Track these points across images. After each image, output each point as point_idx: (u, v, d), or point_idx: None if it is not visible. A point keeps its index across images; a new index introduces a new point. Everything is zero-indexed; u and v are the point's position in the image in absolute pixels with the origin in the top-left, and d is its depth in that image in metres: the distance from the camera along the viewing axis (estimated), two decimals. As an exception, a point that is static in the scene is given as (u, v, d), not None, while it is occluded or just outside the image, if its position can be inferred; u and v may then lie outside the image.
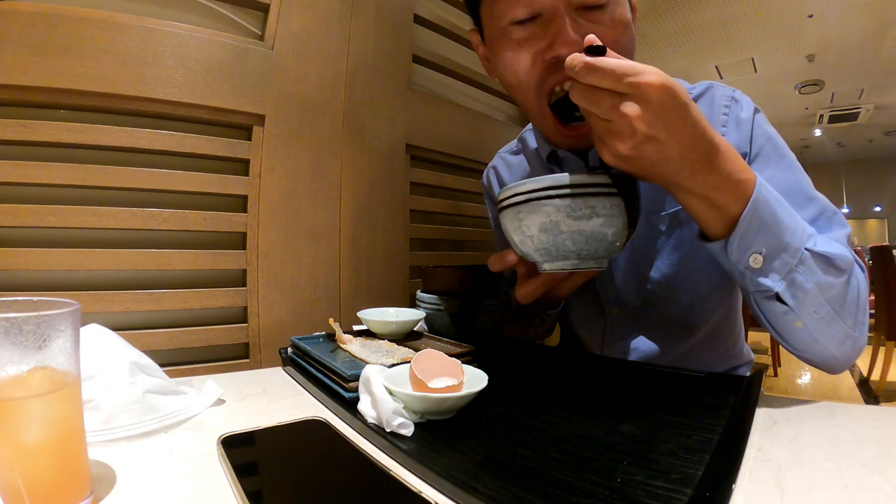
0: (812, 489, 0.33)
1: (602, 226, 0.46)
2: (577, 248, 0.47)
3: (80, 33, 0.66)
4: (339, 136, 0.92)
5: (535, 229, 0.48)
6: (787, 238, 0.46)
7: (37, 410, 0.31)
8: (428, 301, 0.76)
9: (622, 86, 0.40)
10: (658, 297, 0.70)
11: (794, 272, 0.46)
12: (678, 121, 0.41)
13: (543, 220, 0.46)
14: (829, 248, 0.48)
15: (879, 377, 2.86)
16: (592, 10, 0.53)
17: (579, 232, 0.46)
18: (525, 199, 0.48)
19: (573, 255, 0.48)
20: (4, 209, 0.64)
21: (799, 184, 0.58)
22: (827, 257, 0.48)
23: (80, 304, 0.32)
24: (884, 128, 7.57)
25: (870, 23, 4.19)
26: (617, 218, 0.47)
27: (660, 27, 4.30)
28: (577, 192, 0.45)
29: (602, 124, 0.43)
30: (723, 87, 0.65)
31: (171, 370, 0.61)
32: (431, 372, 0.46)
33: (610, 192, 0.46)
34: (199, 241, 0.79)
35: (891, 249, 2.84)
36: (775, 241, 0.45)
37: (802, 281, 0.46)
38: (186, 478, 0.37)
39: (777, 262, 0.46)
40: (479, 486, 0.33)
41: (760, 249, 0.45)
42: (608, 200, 0.46)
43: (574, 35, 0.51)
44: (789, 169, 0.59)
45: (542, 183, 0.46)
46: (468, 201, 1.21)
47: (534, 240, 0.48)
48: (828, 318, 0.48)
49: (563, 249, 0.48)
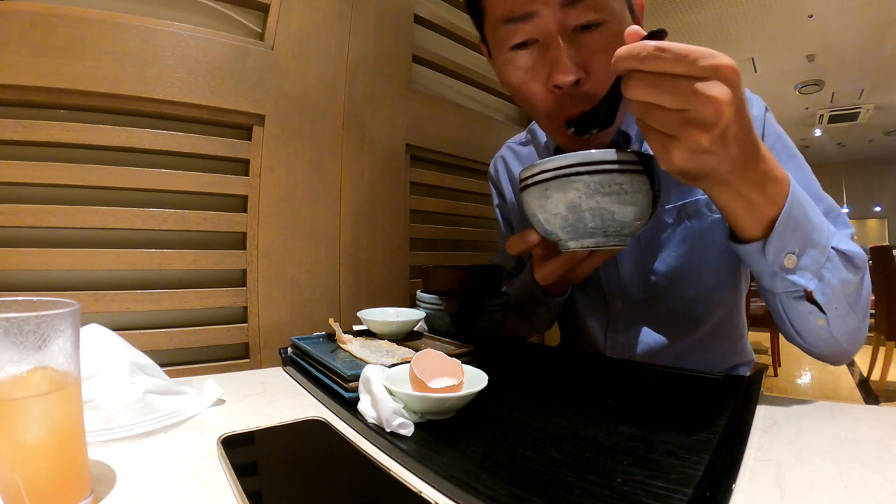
0: (812, 489, 0.33)
1: (628, 203, 0.46)
2: (605, 225, 0.47)
3: (80, 33, 0.66)
4: (339, 136, 0.92)
5: (563, 207, 0.47)
6: (816, 237, 0.45)
7: (37, 410, 0.31)
8: (428, 301, 0.76)
9: (699, 69, 0.36)
10: (663, 289, 0.69)
11: (824, 269, 0.46)
12: (745, 108, 0.38)
13: (572, 197, 0.46)
14: (848, 245, 0.49)
15: (879, 377, 2.86)
16: (590, 30, 0.51)
17: (607, 209, 0.46)
18: (553, 175, 0.47)
19: (600, 232, 0.48)
20: (4, 209, 0.64)
21: (809, 182, 0.58)
22: (848, 255, 0.48)
23: (80, 304, 0.32)
24: (884, 128, 7.57)
25: (870, 23, 4.18)
26: (643, 195, 0.46)
27: (659, 27, 4.30)
28: (605, 169, 0.44)
29: (674, 117, 0.38)
30: None
31: (171, 370, 0.61)
32: (431, 372, 0.46)
33: (637, 169, 0.45)
34: (199, 241, 0.79)
35: (891, 249, 2.84)
36: (807, 240, 0.45)
37: (830, 278, 0.47)
38: (186, 478, 0.37)
39: (808, 260, 0.45)
40: (479, 486, 0.33)
41: (794, 249, 0.45)
42: (635, 178, 0.45)
43: (570, 64, 0.50)
44: (800, 168, 0.59)
45: (570, 160, 0.45)
46: (468, 201, 1.21)
47: (560, 217, 0.48)
48: (844, 314, 0.49)
49: (591, 226, 0.47)
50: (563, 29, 0.51)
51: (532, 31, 0.52)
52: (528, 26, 0.51)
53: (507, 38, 0.54)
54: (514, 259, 0.91)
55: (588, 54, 0.51)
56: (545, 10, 0.49)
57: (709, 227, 0.65)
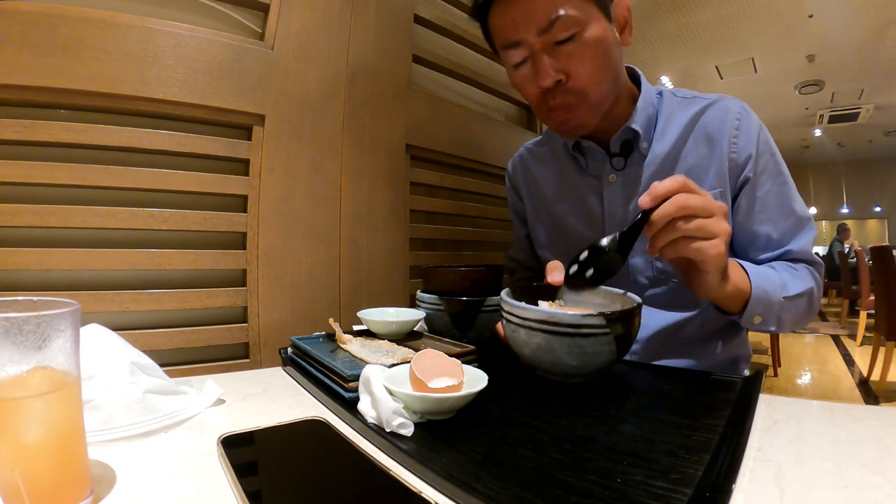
0: (812, 489, 0.33)
1: (587, 360, 0.51)
2: (564, 370, 0.53)
3: (80, 33, 0.66)
4: (339, 136, 0.92)
5: (527, 350, 0.54)
6: (772, 299, 0.64)
7: (37, 410, 0.31)
8: (428, 301, 0.76)
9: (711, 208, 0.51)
10: (668, 273, 0.74)
11: (781, 315, 0.65)
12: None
13: (537, 342, 0.51)
14: (798, 286, 0.67)
15: (879, 377, 2.86)
16: (565, 43, 0.63)
17: (567, 363, 0.51)
18: (519, 322, 0.53)
19: (559, 374, 0.54)
20: (4, 209, 0.64)
21: (788, 197, 0.72)
22: (797, 294, 0.66)
23: (80, 304, 0.32)
24: (884, 128, 7.57)
25: (870, 23, 4.19)
26: (604, 355, 0.51)
27: (660, 27, 4.30)
28: (567, 333, 0.49)
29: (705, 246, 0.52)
30: (735, 99, 0.74)
31: (171, 370, 0.61)
32: (431, 372, 0.46)
33: (602, 332, 0.50)
34: (199, 241, 0.79)
35: (891, 249, 2.83)
36: (767, 305, 0.64)
37: (783, 315, 0.66)
38: (186, 478, 0.37)
39: (768, 315, 0.64)
40: (479, 486, 0.33)
41: (759, 313, 0.64)
42: (597, 339, 0.50)
43: (551, 71, 0.64)
44: (784, 184, 0.72)
45: (537, 315, 0.51)
46: (468, 201, 1.21)
47: (528, 351, 0.54)
48: (798, 319, 0.69)
49: (553, 369, 0.54)
50: (544, 47, 0.64)
51: (523, 52, 0.66)
52: (519, 50, 0.66)
53: (508, 59, 0.69)
54: (529, 251, 0.95)
55: (566, 60, 0.64)
56: (528, 37, 0.64)
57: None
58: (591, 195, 0.79)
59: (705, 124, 0.72)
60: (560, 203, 0.84)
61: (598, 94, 0.67)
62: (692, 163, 0.72)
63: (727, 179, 0.70)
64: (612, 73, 0.68)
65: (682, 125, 0.73)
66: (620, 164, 0.75)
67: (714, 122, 0.72)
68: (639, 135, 0.73)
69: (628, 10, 0.69)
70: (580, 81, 0.65)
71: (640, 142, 0.73)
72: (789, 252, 0.71)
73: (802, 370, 3.48)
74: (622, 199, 0.76)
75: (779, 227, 0.71)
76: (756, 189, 0.71)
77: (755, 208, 0.71)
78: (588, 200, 0.79)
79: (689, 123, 0.73)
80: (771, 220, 0.71)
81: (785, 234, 0.71)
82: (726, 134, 0.70)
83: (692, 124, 0.73)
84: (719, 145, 0.71)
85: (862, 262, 4.19)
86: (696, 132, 0.72)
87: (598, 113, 0.69)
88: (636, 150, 0.74)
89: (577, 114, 0.68)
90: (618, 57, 0.68)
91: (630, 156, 0.75)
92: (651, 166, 0.74)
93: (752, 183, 0.70)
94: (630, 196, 0.75)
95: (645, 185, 0.73)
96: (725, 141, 0.70)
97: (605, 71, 0.66)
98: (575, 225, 0.82)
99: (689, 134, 0.73)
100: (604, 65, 0.66)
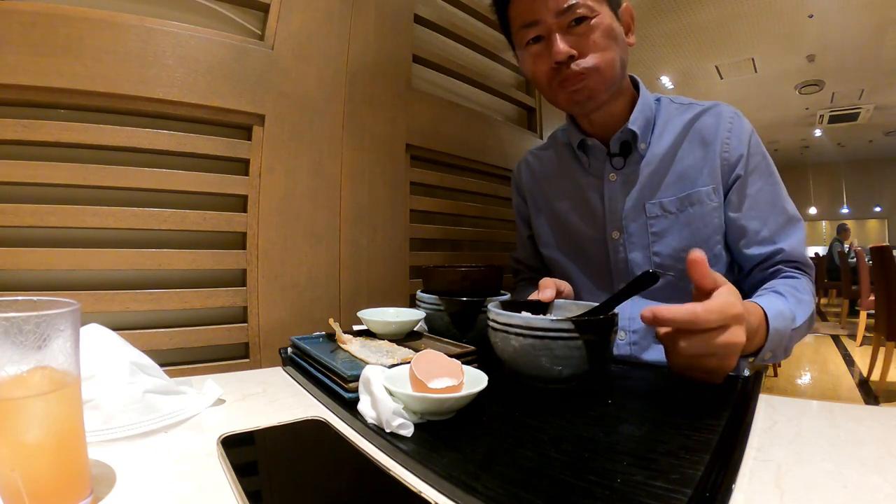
0: (812, 489, 0.33)
1: (560, 363, 0.53)
2: (542, 374, 0.54)
3: (80, 33, 0.66)
4: (339, 136, 0.92)
5: (506, 354, 0.57)
6: (782, 334, 0.63)
7: (37, 410, 0.31)
8: (428, 301, 0.76)
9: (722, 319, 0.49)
10: (667, 267, 0.77)
11: (787, 344, 0.65)
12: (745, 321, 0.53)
13: (514, 346, 0.55)
14: (804, 312, 0.68)
15: (879, 377, 2.86)
16: (578, 24, 0.70)
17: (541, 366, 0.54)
18: (497, 327, 0.57)
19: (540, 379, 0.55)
20: (4, 209, 0.64)
21: (778, 196, 0.75)
22: (803, 322, 0.68)
23: (80, 304, 0.32)
24: (884, 128, 7.57)
25: (870, 23, 4.19)
26: (575, 359, 0.53)
27: (660, 27, 4.30)
28: (538, 336, 0.52)
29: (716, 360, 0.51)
30: (728, 106, 0.78)
31: (171, 370, 0.61)
32: (431, 372, 0.46)
33: (571, 336, 0.52)
34: (199, 240, 0.79)
35: (891, 249, 2.83)
36: (778, 342, 0.63)
37: (790, 345, 0.67)
38: (186, 478, 0.37)
39: (779, 351, 0.64)
40: (479, 487, 0.33)
41: (771, 350, 0.63)
42: (566, 343, 0.52)
43: (564, 46, 0.70)
44: (775, 184, 0.76)
45: (511, 320, 0.55)
46: (468, 201, 1.21)
47: (507, 355, 0.57)
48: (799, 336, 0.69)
49: (532, 373, 0.55)
50: (559, 27, 0.70)
51: (539, 30, 0.72)
52: (535, 28, 0.72)
53: (524, 36, 0.74)
54: (532, 252, 0.98)
55: (577, 40, 0.70)
56: (546, 17, 0.70)
57: (709, 212, 0.76)
58: (592, 193, 0.83)
59: (700, 128, 0.76)
60: (563, 201, 0.88)
61: (608, 70, 0.72)
62: (687, 164, 0.76)
63: (719, 177, 0.75)
64: (620, 61, 0.73)
65: (679, 128, 0.77)
66: (620, 164, 0.80)
67: (709, 126, 0.76)
68: (637, 136, 0.77)
69: (631, 16, 0.76)
70: (591, 58, 0.71)
71: (639, 143, 0.78)
72: (781, 251, 0.74)
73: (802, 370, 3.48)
74: (621, 197, 0.80)
75: (769, 224, 0.74)
76: (746, 186, 0.74)
77: (745, 204, 0.75)
78: (590, 198, 0.83)
79: (685, 127, 0.77)
80: (761, 216, 0.74)
81: (776, 231, 0.74)
82: (720, 136, 0.75)
83: (688, 128, 0.77)
84: (713, 147, 0.75)
85: (862, 262, 4.20)
86: (691, 135, 0.77)
87: (609, 87, 0.73)
88: (635, 150, 0.78)
89: (589, 82, 0.72)
90: (624, 49, 0.74)
91: (629, 156, 0.79)
92: (649, 166, 0.78)
93: (743, 181, 0.74)
94: (629, 193, 0.79)
95: (643, 184, 0.78)
96: (719, 143, 0.75)
97: (613, 54, 0.71)
98: (577, 221, 0.86)
99: (684, 137, 0.77)
100: (613, 49, 0.71)
